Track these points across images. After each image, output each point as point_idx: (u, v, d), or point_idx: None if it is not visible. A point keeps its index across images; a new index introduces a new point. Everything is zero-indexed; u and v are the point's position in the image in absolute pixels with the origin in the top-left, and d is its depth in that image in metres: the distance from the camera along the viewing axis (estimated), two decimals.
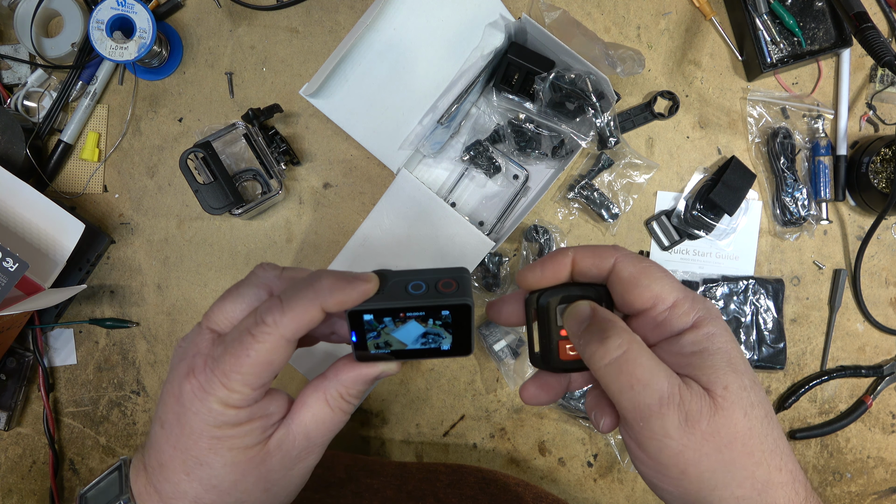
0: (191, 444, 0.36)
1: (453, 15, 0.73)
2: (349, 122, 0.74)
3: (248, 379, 0.35)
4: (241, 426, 0.36)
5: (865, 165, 0.75)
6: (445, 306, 0.36)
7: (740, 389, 0.35)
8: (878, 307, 0.79)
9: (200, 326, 0.38)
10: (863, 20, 0.67)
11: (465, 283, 0.37)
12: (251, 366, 0.34)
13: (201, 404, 0.35)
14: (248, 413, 0.36)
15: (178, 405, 0.36)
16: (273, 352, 0.35)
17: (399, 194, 0.72)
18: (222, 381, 0.34)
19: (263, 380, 0.35)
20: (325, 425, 0.38)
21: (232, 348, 0.35)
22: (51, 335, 0.78)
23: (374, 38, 0.73)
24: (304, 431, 0.38)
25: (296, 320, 0.34)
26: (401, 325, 0.37)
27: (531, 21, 0.68)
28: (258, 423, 0.37)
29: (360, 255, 0.74)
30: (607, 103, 0.70)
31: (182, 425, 0.36)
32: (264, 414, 0.37)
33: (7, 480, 0.79)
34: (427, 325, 0.37)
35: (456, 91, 0.71)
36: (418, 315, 0.37)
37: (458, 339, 0.38)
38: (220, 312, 0.37)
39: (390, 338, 0.38)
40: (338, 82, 0.73)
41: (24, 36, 0.74)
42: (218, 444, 0.36)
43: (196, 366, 0.35)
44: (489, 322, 0.77)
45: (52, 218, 0.70)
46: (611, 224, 0.78)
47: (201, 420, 0.35)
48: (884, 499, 0.81)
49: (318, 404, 0.38)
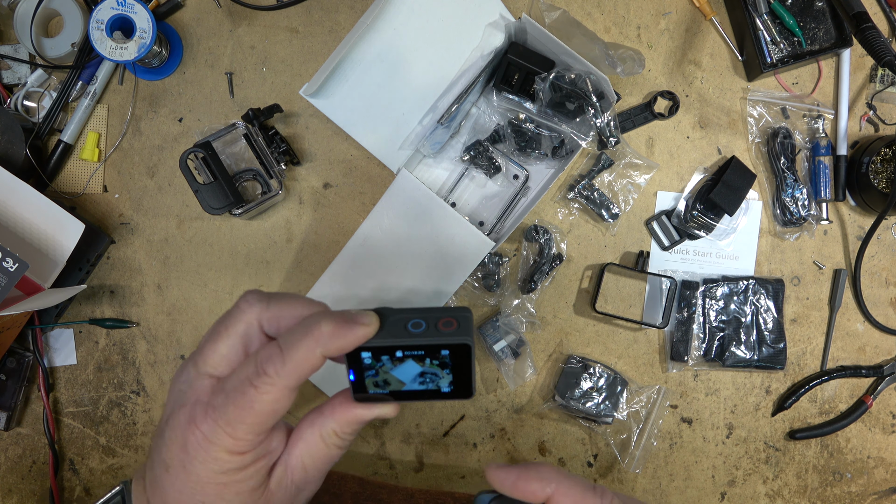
0: (197, 489, 0.36)
1: (453, 15, 0.73)
2: (349, 122, 0.74)
3: (253, 428, 0.35)
4: (245, 470, 0.36)
5: (865, 165, 0.75)
6: (444, 346, 0.35)
7: None
8: (878, 307, 0.79)
9: (197, 369, 0.37)
10: (863, 20, 0.67)
11: (466, 323, 0.36)
12: (256, 416, 0.35)
13: (206, 454, 0.35)
14: (252, 456, 0.36)
15: (182, 453, 0.36)
16: (276, 401, 0.35)
17: (399, 194, 0.72)
18: (227, 432, 0.35)
19: (268, 426, 0.36)
20: (321, 460, 0.39)
21: (235, 399, 0.35)
22: (51, 335, 0.78)
23: (375, 38, 0.73)
24: (302, 466, 0.38)
25: (297, 370, 0.34)
26: (399, 363, 0.36)
27: (531, 21, 0.68)
28: (262, 463, 0.37)
29: (360, 255, 0.74)
30: (607, 103, 0.70)
31: (188, 473, 0.36)
32: (267, 453, 0.37)
33: (7, 480, 0.79)
34: (424, 365, 0.36)
35: (456, 91, 0.71)
36: (416, 354, 0.36)
37: (458, 380, 0.37)
38: (214, 353, 0.37)
39: (389, 376, 0.37)
40: (338, 82, 0.73)
41: (23, 36, 0.74)
42: (224, 489, 0.36)
43: (197, 415, 0.35)
44: (488, 322, 0.77)
45: (52, 218, 0.70)
46: (611, 224, 0.78)
47: (208, 468, 0.35)
48: (884, 499, 0.81)
49: (314, 440, 0.38)
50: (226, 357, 0.37)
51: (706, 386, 0.79)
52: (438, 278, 0.74)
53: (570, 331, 0.79)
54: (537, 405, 0.79)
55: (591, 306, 0.77)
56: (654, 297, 0.79)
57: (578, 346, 0.79)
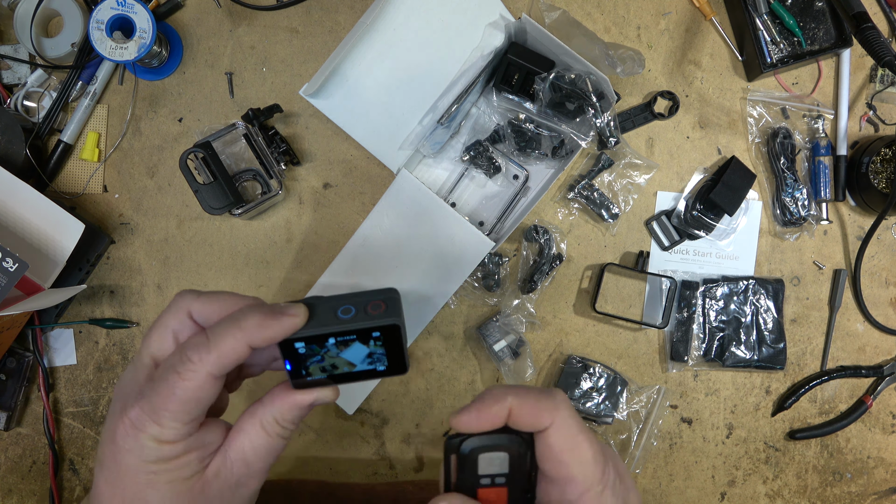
0: (128, 481, 0.36)
1: (453, 15, 0.73)
2: (349, 123, 0.74)
3: (177, 415, 0.35)
4: (176, 459, 0.36)
5: (865, 165, 0.75)
6: (374, 328, 0.37)
7: None
8: (878, 307, 0.79)
9: (134, 365, 0.38)
10: (863, 20, 0.67)
11: (393, 304, 0.37)
12: (179, 402, 0.35)
13: (134, 442, 0.35)
14: (183, 446, 0.36)
15: (112, 444, 0.36)
16: (200, 389, 0.35)
17: (399, 194, 0.72)
18: (153, 419, 0.35)
19: (193, 415, 0.36)
20: (262, 451, 0.39)
21: (159, 386, 0.35)
22: (51, 335, 0.78)
23: (375, 38, 0.73)
24: (243, 458, 0.38)
25: (221, 357, 0.35)
26: (344, 347, 0.38)
27: (531, 21, 0.68)
28: (195, 455, 0.37)
29: (360, 255, 0.74)
30: (607, 103, 0.70)
31: (118, 463, 0.36)
32: (201, 445, 0.37)
33: (7, 480, 0.79)
34: (370, 346, 0.38)
35: (456, 91, 0.71)
36: (351, 339, 0.37)
37: (392, 358, 0.39)
38: (148, 347, 0.38)
39: (337, 360, 0.38)
40: (338, 82, 0.73)
41: (23, 36, 0.74)
42: (155, 478, 0.36)
43: (127, 405, 0.36)
44: (488, 322, 0.77)
45: (51, 218, 0.70)
46: (611, 224, 0.78)
47: (136, 457, 0.35)
48: (884, 499, 0.81)
49: (255, 430, 0.38)
50: (159, 347, 0.38)
51: (706, 386, 0.79)
52: (438, 278, 0.74)
53: (570, 331, 0.79)
54: None
55: (591, 306, 0.77)
56: (653, 298, 0.79)
57: (578, 346, 0.79)
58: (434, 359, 0.79)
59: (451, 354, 0.79)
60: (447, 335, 0.79)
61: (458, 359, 0.79)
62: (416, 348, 0.79)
